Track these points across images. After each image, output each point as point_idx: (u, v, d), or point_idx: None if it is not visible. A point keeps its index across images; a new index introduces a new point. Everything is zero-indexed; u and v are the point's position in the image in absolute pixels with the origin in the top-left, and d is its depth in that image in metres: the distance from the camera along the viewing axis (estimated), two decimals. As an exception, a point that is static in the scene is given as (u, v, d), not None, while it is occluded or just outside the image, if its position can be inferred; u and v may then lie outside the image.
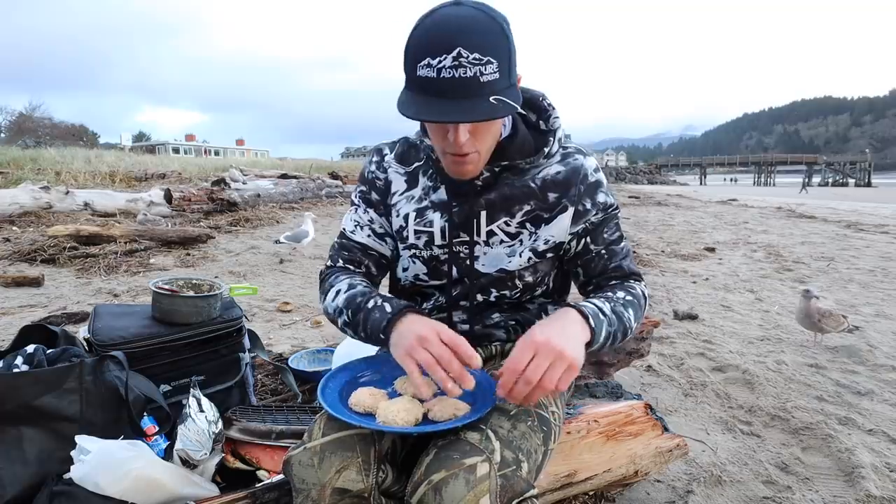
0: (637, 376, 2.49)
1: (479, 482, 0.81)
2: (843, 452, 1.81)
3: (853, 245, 6.73)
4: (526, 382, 0.84)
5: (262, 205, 8.65)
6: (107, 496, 1.11)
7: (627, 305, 1.02)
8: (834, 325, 2.89)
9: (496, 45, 0.86)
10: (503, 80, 0.88)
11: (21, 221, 5.99)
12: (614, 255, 1.10)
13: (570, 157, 1.08)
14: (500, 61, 0.87)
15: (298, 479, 0.89)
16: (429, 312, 1.14)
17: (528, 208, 1.06)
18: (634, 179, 53.26)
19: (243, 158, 36.26)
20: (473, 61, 0.84)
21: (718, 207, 13.30)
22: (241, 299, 3.22)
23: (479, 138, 0.94)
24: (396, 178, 1.14)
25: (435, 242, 1.09)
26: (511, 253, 1.08)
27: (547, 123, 1.08)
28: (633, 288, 1.07)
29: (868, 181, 55.65)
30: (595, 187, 1.08)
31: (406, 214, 1.11)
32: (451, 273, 1.10)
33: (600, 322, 0.95)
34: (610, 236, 1.10)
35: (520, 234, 1.07)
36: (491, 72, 0.85)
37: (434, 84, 0.86)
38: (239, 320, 1.60)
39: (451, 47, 0.84)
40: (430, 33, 0.87)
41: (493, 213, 1.06)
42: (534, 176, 1.06)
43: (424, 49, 0.86)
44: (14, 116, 47.33)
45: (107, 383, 1.27)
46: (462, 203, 1.07)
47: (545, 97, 1.09)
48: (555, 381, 0.84)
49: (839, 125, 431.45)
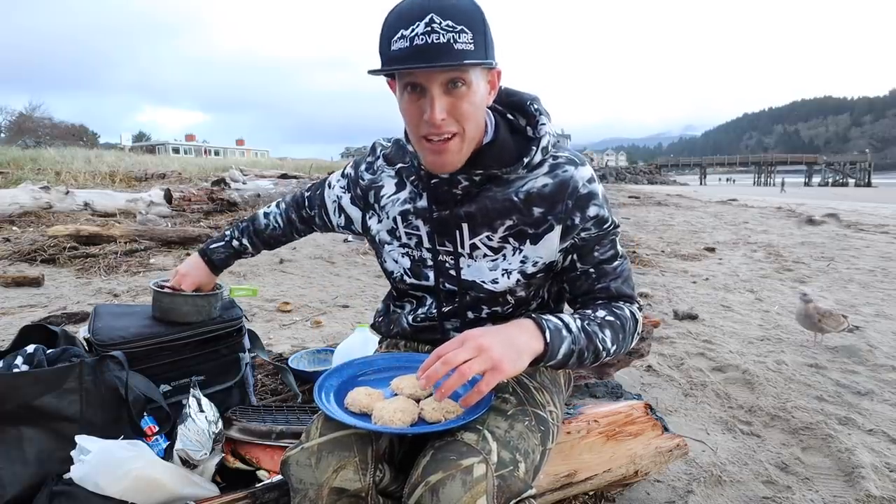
0: (637, 376, 2.49)
1: (476, 483, 0.81)
2: (843, 452, 1.81)
3: (853, 245, 6.73)
4: (443, 363, 0.82)
5: (263, 205, 8.65)
6: (107, 496, 1.11)
7: (605, 326, 0.97)
8: (834, 325, 2.89)
9: (471, 18, 0.84)
10: (478, 53, 0.85)
11: (21, 221, 5.99)
12: (603, 276, 1.03)
13: (558, 169, 0.99)
14: (475, 34, 0.84)
15: (296, 479, 0.88)
16: (421, 320, 1.14)
17: (510, 223, 1.01)
18: (634, 179, 53.26)
19: (243, 158, 36.27)
20: (446, 27, 0.82)
21: (718, 207, 13.29)
22: (241, 299, 3.22)
23: (458, 117, 0.90)
24: (388, 182, 1.13)
25: (424, 245, 1.08)
26: (494, 267, 1.04)
27: (534, 130, 1.01)
28: (620, 309, 1.01)
29: (868, 181, 55.70)
30: (586, 200, 0.99)
31: (395, 217, 1.11)
32: (437, 281, 1.08)
33: (560, 338, 0.90)
34: (602, 255, 1.02)
35: (503, 248, 1.03)
36: (465, 41, 0.83)
37: (406, 52, 0.83)
38: (239, 320, 1.60)
39: (424, 14, 0.82)
40: (401, 8, 0.86)
41: (474, 226, 1.02)
42: (518, 189, 1.00)
43: (396, 23, 0.84)
44: (14, 116, 47.40)
45: (107, 383, 1.27)
46: (441, 210, 1.03)
47: (535, 101, 1.04)
48: (473, 370, 0.81)
49: (839, 125, 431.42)
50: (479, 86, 0.90)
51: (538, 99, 1.04)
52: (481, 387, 0.82)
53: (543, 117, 1.02)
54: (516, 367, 0.84)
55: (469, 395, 0.84)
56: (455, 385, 0.81)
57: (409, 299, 1.18)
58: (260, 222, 1.44)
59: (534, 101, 1.03)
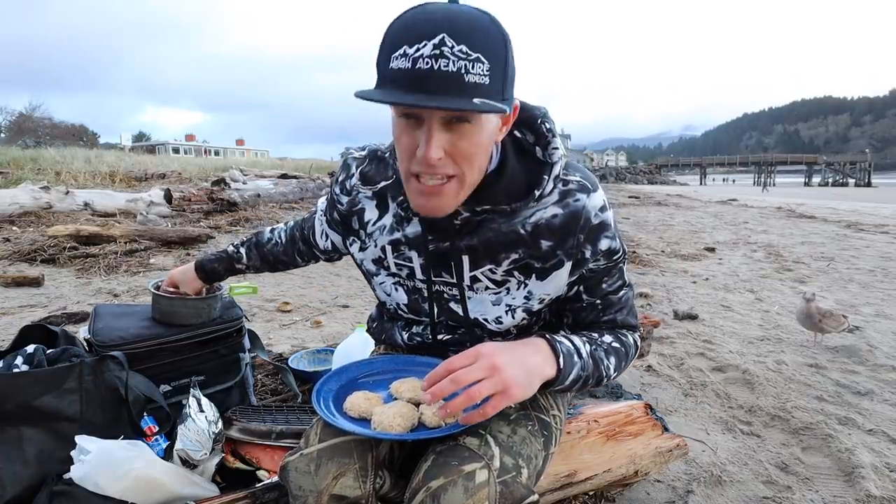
0: (637, 376, 2.49)
1: (478, 489, 0.80)
2: (843, 452, 1.81)
3: (853, 245, 6.72)
4: (452, 381, 0.77)
5: (263, 205, 8.65)
6: (107, 496, 1.11)
7: (611, 353, 0.94)
8: (835, 325, 2.89)
9: (490, 46, 0.71)
10: (494, 88, 0.71)
11: (21, 221, 5.99)
12: (609, 307, 0.98)
13: (569, 197, 0.89)
14: (493, 64, 0.71)
15: (295, 485, 0.87)
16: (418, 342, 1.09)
17: (515, 256, 0.92)
18: (634, 179, 53.29)
19: (243, 158, 36.28)
20: (459, 53, 0.69)
21: (718, 207, 13.30)
22: (241, 299, 3.22)
23: (457, 159, 0.78)
24: (368, 205, 1.01)
25: (417, 276, 1.00)
26: (497, 301, 0.97)
27: (545, 152, 0.90)
28: (625, 336, 0.98)
29: (868, 181, 55.72)
30: (598, 231, 0.90)
31: (383, 246, 1.00)
32: (432, 313, 1.03)
33: (572, 364, 0.87)
34: (609, 287, 0.96)
35: (507, 281, 0.95)
36: (479, 72, 0.70)
37: (407, 75, 0.70)
38: (239, 320, 1.60)
39: (434, 33, 0.69)
40: (409, 22, 0.72)
41: (476, 259, 0.93)
42: (524, 219, 0.90)
43: (401, 37, 0.71)
44: (14, 116, 47.37)
45: (107, 383, 1.27)
46: (439, 241, 0.94)
47: (546, 119, 0.90)
48: (482, 394, 0.76)
49: (839, 125, 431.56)
50: (488, 122, 0.78)
51: (548, 115, 0.91)
52: (487, 409, 0.78)
53: (556, 139, 0.90)
54: (526, 392, 0.80)
55: (471, 415, 0.79)
56: (462, 406, 0.77)
57: (402, 320, 1.12)
58: (264, 235, 1.38)
59: (545, 118, 0.91)
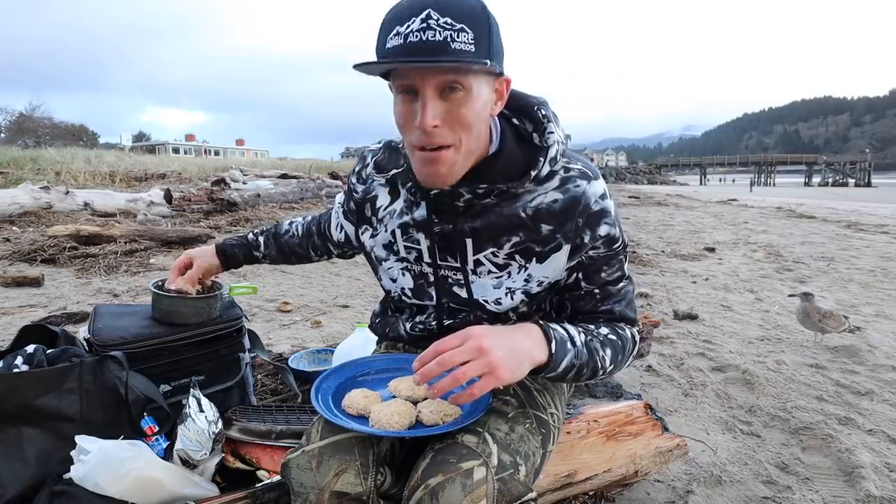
0: (637, 376, 2.49)
1: (476, 487, 0.80)
2: (843, 452, 1.81)
3: (853, 245, 6.72)
4: (438, 364, 0.78)
5: (263, 205, 8.64)
6: (107, 496, 1.11)
7: (606, 344, 0.94)
8: (835, 325, 2.89)
9: (472, 16, 0.77)
10: (480, 55, 0.78)
11: (21, 221, 5.99)
12: (608, 297, 0.99)
13: (570, 183, 0.92)
14: (478, 34, 0.77)
15: (297, 482, 0.87)
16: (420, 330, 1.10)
17: (516, 239, 0.95)
18: (634, 179, 53.30)
19: (243, 158, 36.29)
20: (444, 24, 0.76)
21: (718, 207, 13.29)
22: (241, 299, 3.22)
23: (454, 127, 0.82)
24: (381, 192, 1.07)
25: (424, 259, 1.03)
26: (498, 285, 0.99)
27: (542, 138, 0.93)
28: (622, 329, 0.98)
29: (868, 181, 55.74)
30: (598, 217, 0.93)
31: (393, 230, 1.04)
32: (439, 298, 1.04)
33: (564, 351, 0.87)
34: (608, 276, 0.98)
35: (508, 265, 0.97)
36: (464, 40, 0.76)
37: (399, 50, 0.77)
38: (239, 320, 1.60)
39: (421, 10, 0.76)
40: (401, 5, 0.80)
41: (479, 242, 0.96)
42: (525, 204, 0.93)
43: (393, 19, 0.79)
44: (14, 116, 47.38)
45: (107, 383, 1.27)
46: (444, 222, 0.97)
47: (543, 106, 0.95)
48: (468, 375, 0.77)
49: (839, 125, 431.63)
50: (480, 92, 0.82)
51: (546, 103, 0.96)
52: (474, 390, 0.79)
53: (552, 124, 0.94)
54: (514, 375, 0.81)
55: (459, 395, 0.81)
56: (448, 387, 0.78)
57: (407, 308, 1.14)
58: (282, 227, 1.41)
59: (542, 105, 0.95)
